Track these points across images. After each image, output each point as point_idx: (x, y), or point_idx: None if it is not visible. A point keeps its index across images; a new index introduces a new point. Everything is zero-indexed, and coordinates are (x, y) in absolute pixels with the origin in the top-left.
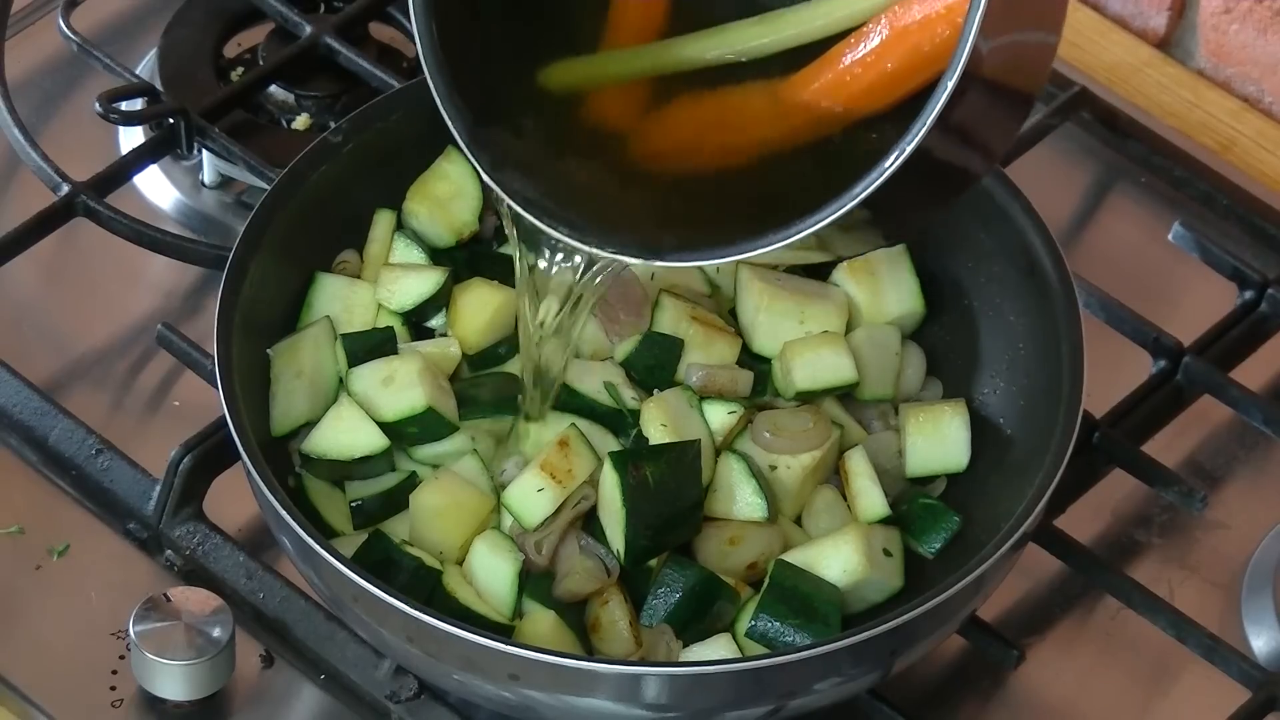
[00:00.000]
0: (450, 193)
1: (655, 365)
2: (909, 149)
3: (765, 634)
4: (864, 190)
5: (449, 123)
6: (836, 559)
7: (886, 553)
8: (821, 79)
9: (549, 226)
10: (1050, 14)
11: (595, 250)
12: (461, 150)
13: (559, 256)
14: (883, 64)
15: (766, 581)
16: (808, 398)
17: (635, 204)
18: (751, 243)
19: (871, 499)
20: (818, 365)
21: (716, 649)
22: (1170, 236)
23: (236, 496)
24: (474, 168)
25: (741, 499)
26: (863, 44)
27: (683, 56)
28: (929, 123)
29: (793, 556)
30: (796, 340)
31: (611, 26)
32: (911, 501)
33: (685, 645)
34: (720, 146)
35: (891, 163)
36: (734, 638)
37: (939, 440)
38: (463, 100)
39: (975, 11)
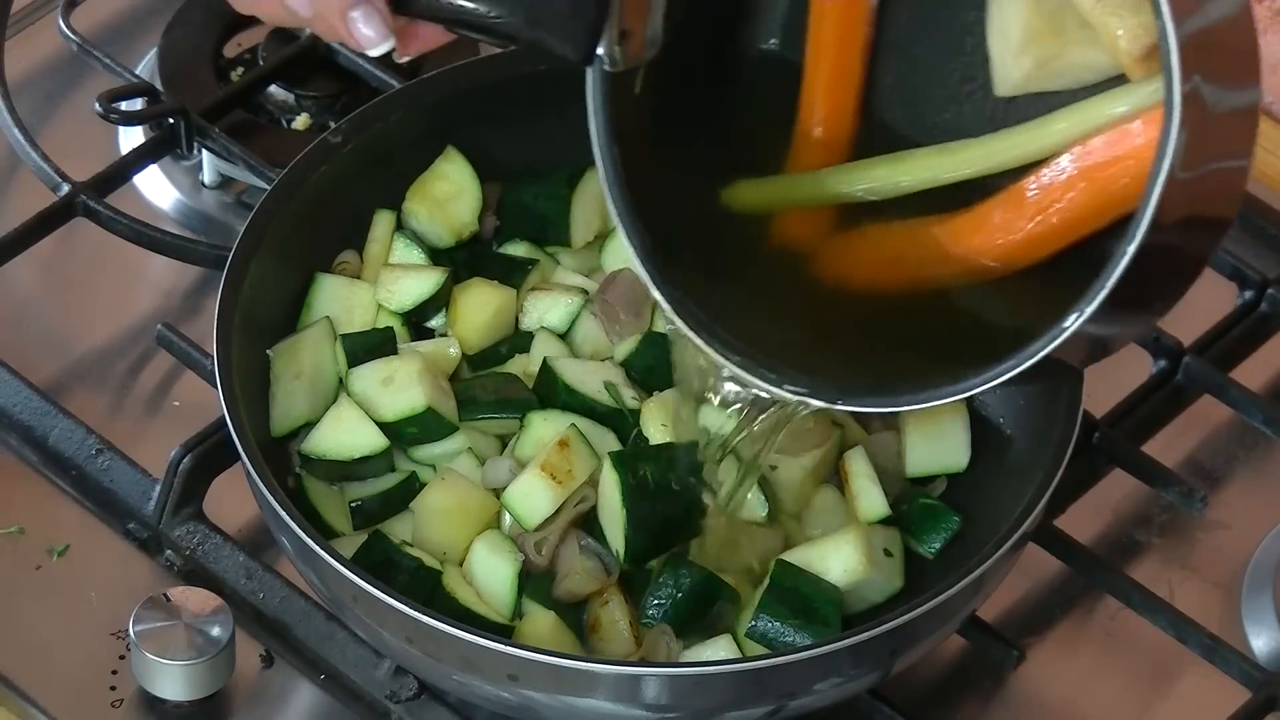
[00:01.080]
0: (450, 193)
1: (655, 365)
2: (1089, 309)
3: (765, 634)
4: (1041, 350)
5: (630, 248)
6: (837, 559)
7: (887, 553)
8: (1002, 216)
9: (735, 363)
10: (1241, 138)
11: (780, 392)
12: (646, 281)
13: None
14: (1067, 204)
15: (766, 582)
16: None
17: (819, 342)
18: (938, 390)
19: (871, 499)
20: (939, 445)
21: (717, 649)
22: None
23: (236, 496)
24: (655, 297)
25: (742, 499)
26: (1048, 177)
27: (859, 183)
28: (1112, 282)
29: (793, 556)
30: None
31: (795, 148)
32: (911, 501)
33: (685, 645)
34: (904, 279)
35: (1072, 323)
36: (734, 638)
37: (939, 440)
38: (645, 225)
39: (1164, 159)
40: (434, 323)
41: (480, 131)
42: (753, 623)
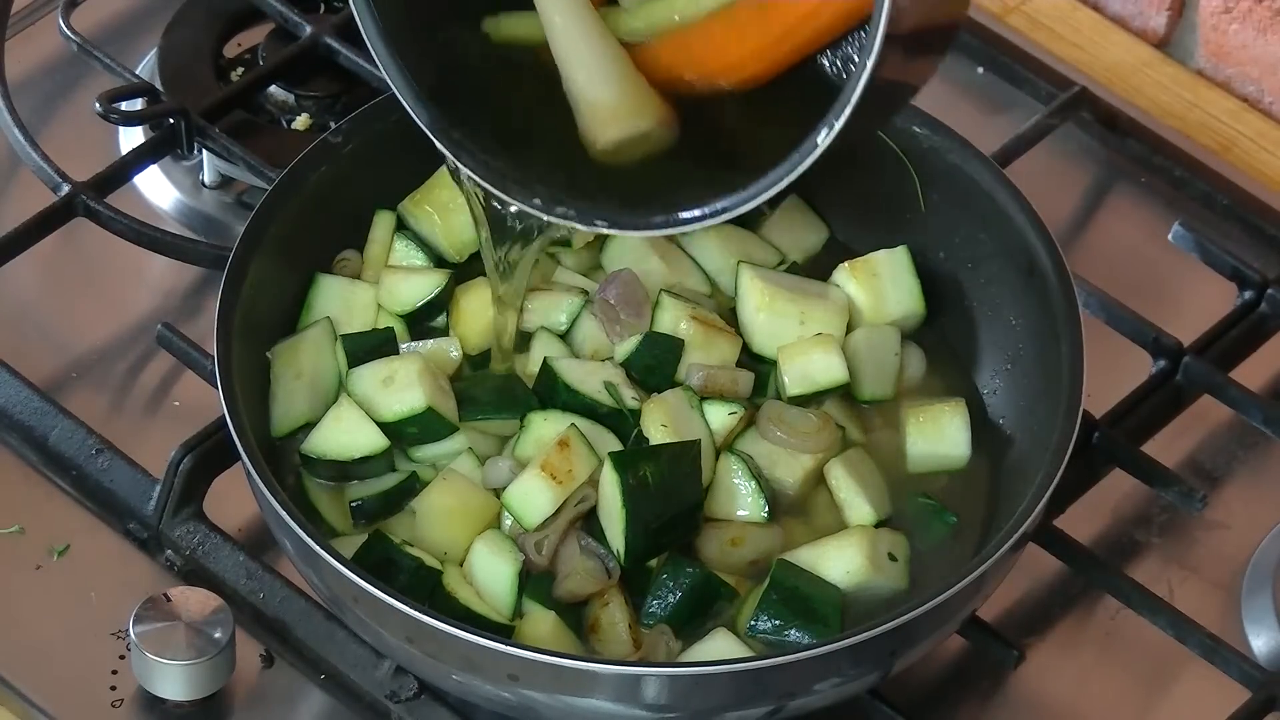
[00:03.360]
0: (452, 201)
1: (655, 365)
2: (838, 125)
3: (766, 633)
4: (793, 170)
5: (396, 89)
6: (840, 560)
7: (891, 557)
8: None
9: (512, 196)
10: None
11: (566, 222)
12: (414, 119)
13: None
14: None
15: (768, 581)
16: (804, 401)
17: (598, 170)
18: (708, 203)
19: (858, 510)
20: (809, 368)
21: (717, 645)
22: (1170, 236)
23: (236, 496)
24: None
25: (742, 499)
26: None
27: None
28: (854, 100)
29: (797, 555)
30: (789, 345)
31: None
32: (909, 500)
33: (685, 645)
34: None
35: (824, 137)
36: (735, 633)
37: (939, 440)
38: (410, 65)
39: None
40: (435, 323)
41: None
42: (753, 621)
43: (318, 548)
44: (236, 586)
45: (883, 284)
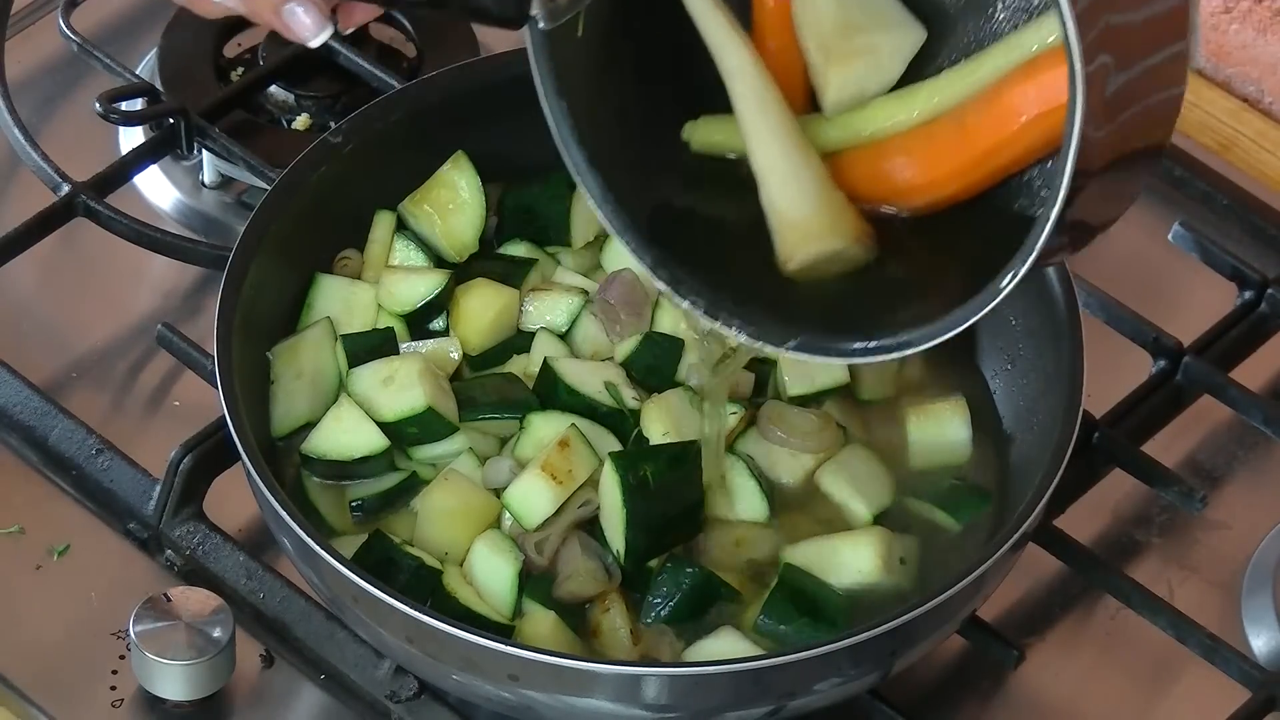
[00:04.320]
0: (453, 202)
1: (656, 365)
2: (1028, 263)
3: (772, 632)
4: (979, 311)
5: (615, 233)
6: (853, 558)
7: (902, 561)
8: (942, 139)
9: (726, 325)
10: (1170, 80)
11: (774, 349)
12: (632, 255)
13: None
14: (1004, 133)
15: (775, 581)
16: (805, 401)
17: (780, 289)
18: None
19: (854, 510)
20: (809, 368)
21: (719, 644)
22: (1170, 236)
23: (236, 496)
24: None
25: (743, 500)
26: (983, 108)
27: (825, 131)
28: (1043, 238)
29: (808, 546)
30: None
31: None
32: (939, 482)
33: (686, 644)
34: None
35: (1007, 283)
36: (739, 631)
37: (940, 439)
38: (604, 175)
39: (1075, 113)
40: (435, 323)
41: (480, 132)
42: (761, 617)
43: (318, 548)
44: (236, 586)
45: None
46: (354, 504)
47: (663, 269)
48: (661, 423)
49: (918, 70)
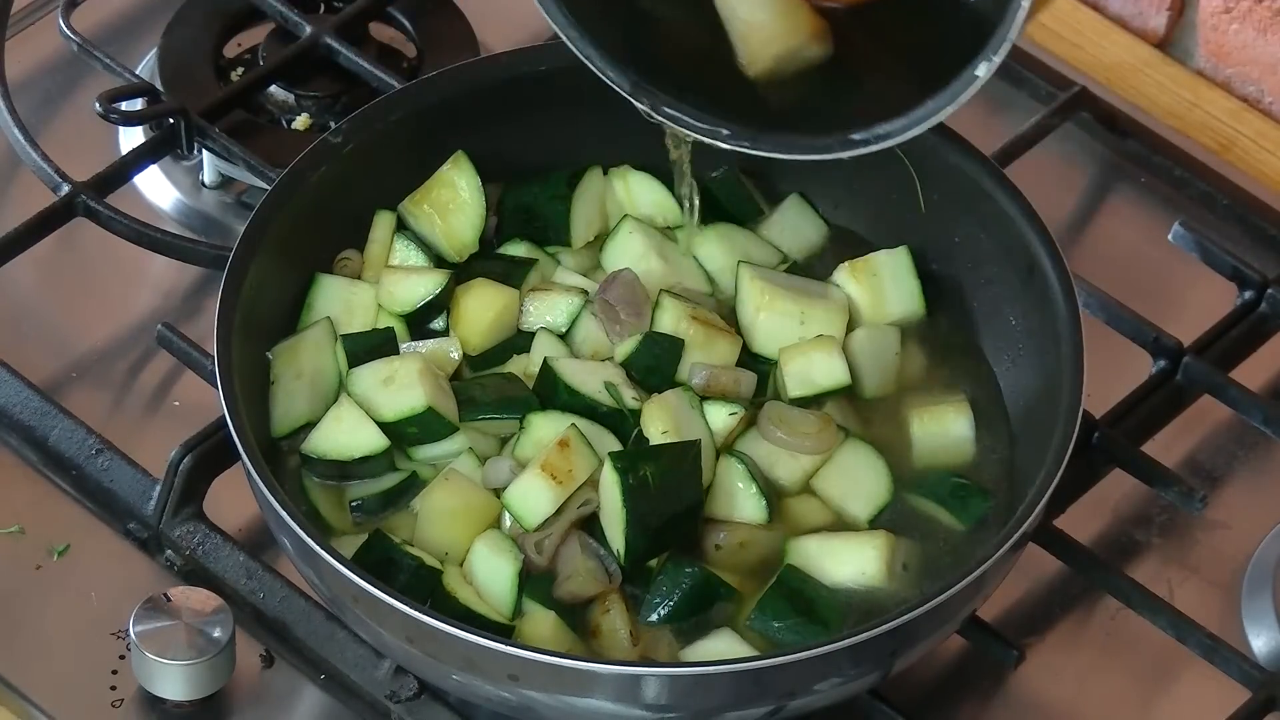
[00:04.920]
0: (453, 201)
1: (656, 365)
2: (997, 59)
3: (765, 631)
4: (953, 102)
5: (587, 58)
6: (857, 559)
7: (904, 567)
8: None
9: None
10: None
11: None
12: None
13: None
14: None
15: (774, 580)
16: (805, 402)
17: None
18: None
19: (852, 514)
20: (810, 370)
21: (718, 644)
22: (1170, 236)
23: (236, 496)
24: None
25: (742, 500)
26: None
27: None
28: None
29: (810, 547)
30: (790, 347)
31: None
32: (942, 482)
33: (686, 643)
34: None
35: (983, 71)
36: (735, 630)
37: (943, 438)
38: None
39: None
40: (435, 323)
41: (480, 132)
42: (754, 613)
43: (318, 548)
44: (236, 586)
45: (883, 284)
46: (354, 504)
47: (639, 90)
48: (661, 423)
49: None
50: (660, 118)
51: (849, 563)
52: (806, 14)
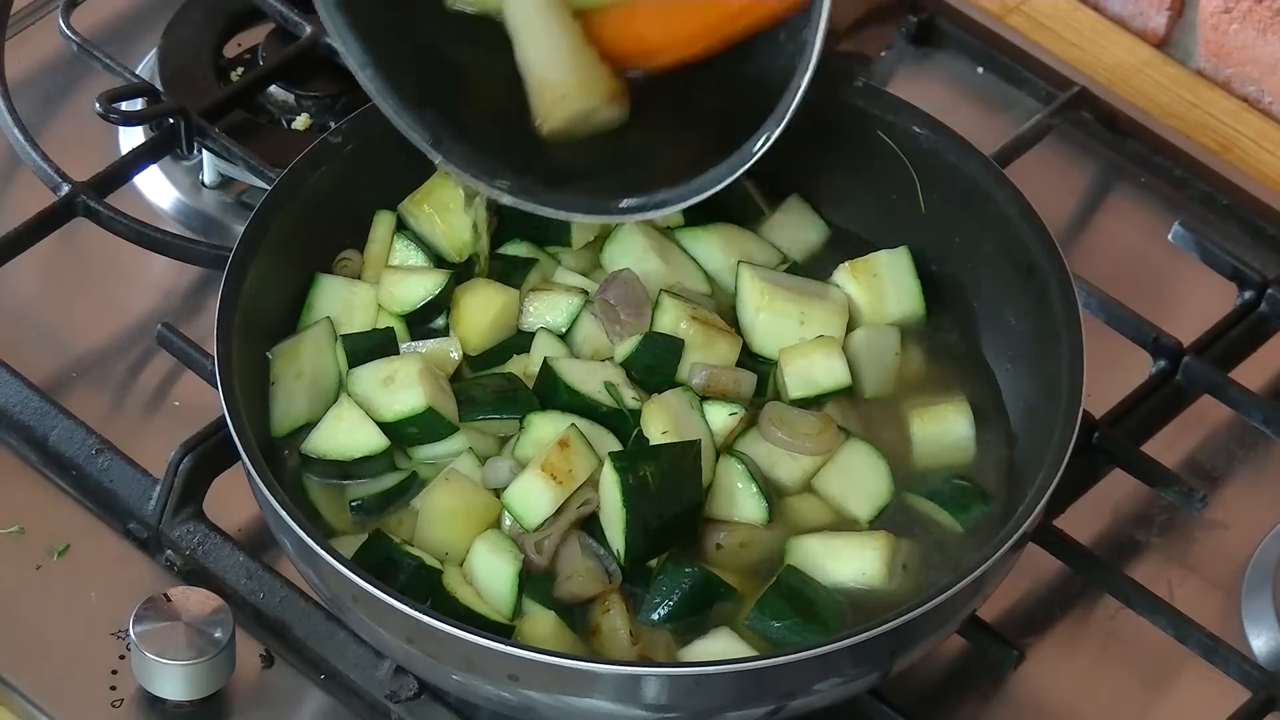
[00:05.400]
0: (452, 201)
1: (656, 365)
2: (779, 128)
3: (764, 631)
4: (731, 175)
5: (352, 62)
6: (858, 559)
7: (904, 567)
8: None
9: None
10: None
11: (549, 211)
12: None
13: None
14: None
15: (774, 579)
16: (805, 403)
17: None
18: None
19: (853, 515)
20: (810, 371)
21: (717, 644)
22: (1170, 236)
23: (236, 496)
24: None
25: (742, 500)
26: None
27: None
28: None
29: (810, 547)
30: (790, 347)
31: None
32: (943, 482)
33: (685, 643)
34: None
35: (760, 146)
36: (735, 630)
37: (944, 438)
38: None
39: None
40: (436, 323)
41: None
42: (754, 613)
43: (318, 548)
44: (236, 586)
45: (883, 284)
46: (354, 504)
47: (428, 134)
48: (661, 423)
49: None
50: (438, 156)
51: (849, 563)
52: (604, 76)
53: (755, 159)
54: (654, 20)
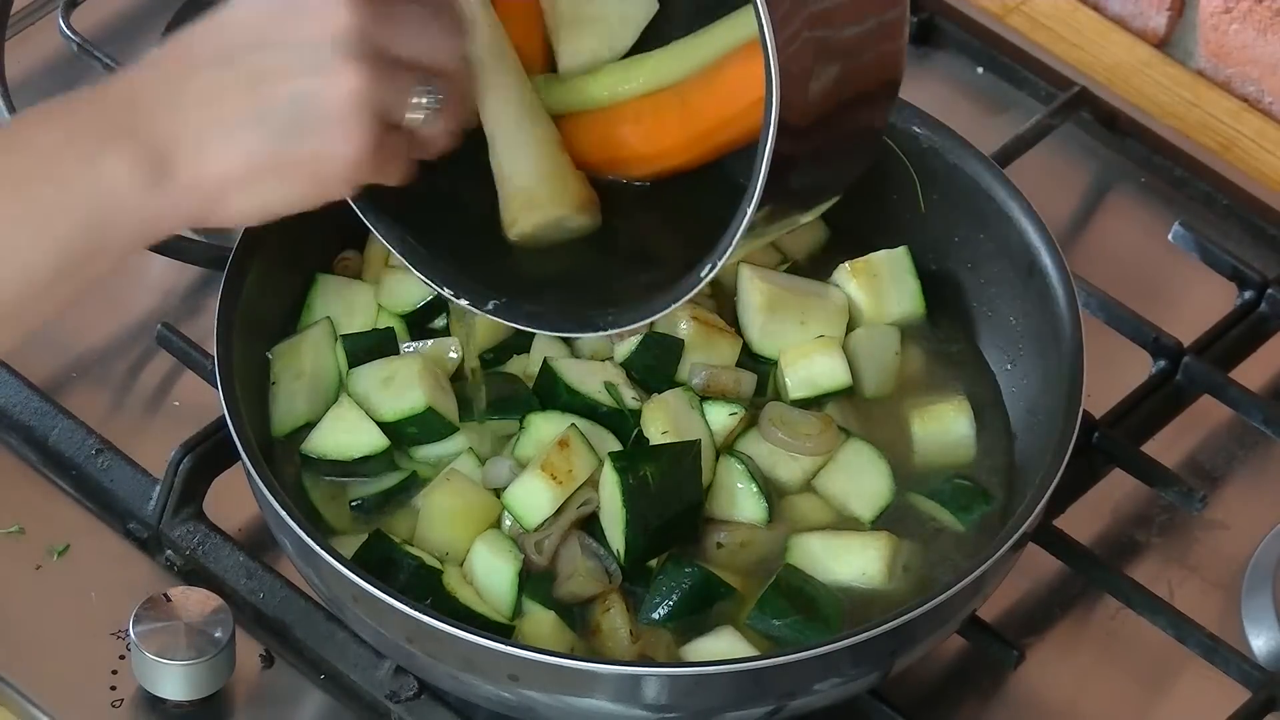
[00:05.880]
0: None
1: (656, 365)
2: (720, 263)
3: (765, 630)
4: (675, 302)
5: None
6: (859, 559)
7: (905, 568)
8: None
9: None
10: (882, 60)
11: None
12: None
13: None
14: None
15: (774, 578)
16: (806, 404)
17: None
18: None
19: (854, 515)
20: (811, 371)
21: (718, 643)
22: (1170, 236)
23: (236, 496)
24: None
25: (742, 500)
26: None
27: (556, 96)
28: (744, 222)
29: (811, 547)
30: (790, 348)
31: None
32: (943, 482)
33: (685, 643)
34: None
35: (706, 273)
36: (736, 630)
37: (944, 437)
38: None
39: (770, 109)
40: (436, 323)
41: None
42: (754, 612)
43: (318, 548)
44: (236, 586)
45: (883, 284)
46: (354, 504)
47: (397, 239)
48: (661, 423)
49: (656, 39)
50: (396, 254)
51: (851, 563)
52: (576, 184)
53: (704, 283)
54: (632, 131)
